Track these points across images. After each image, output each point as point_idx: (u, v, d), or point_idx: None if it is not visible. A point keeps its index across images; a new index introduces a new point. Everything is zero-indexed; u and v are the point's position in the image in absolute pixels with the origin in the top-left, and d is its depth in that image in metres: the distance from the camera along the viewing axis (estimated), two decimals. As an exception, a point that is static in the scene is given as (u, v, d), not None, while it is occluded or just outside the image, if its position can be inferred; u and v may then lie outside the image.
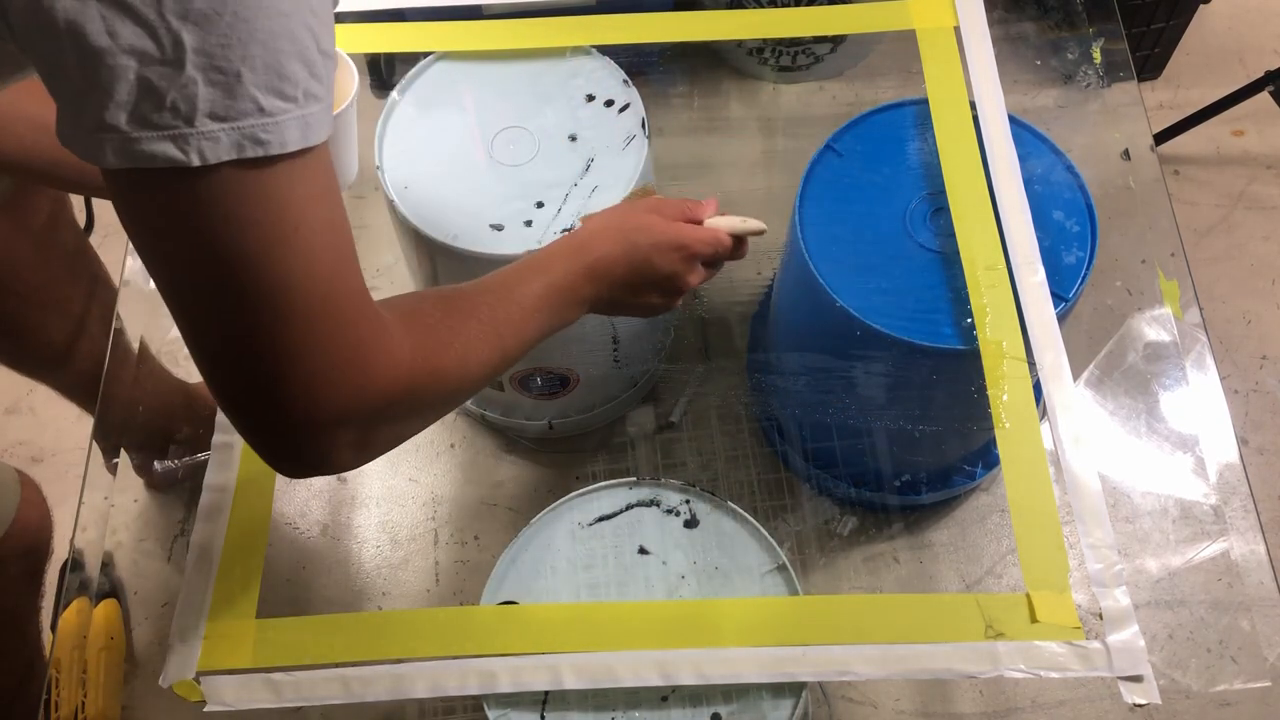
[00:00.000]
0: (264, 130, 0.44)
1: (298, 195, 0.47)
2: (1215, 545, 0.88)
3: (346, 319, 0.50)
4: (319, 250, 0.48)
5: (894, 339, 0.88)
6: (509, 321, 0.65)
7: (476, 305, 0.64)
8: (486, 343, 0.62)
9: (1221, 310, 1.59)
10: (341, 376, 0.50)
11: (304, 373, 0.49)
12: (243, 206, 0.45)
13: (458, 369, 0.59)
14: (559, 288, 0.70)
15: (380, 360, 0.52)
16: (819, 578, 1.09)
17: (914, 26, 1.06)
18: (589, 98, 0.99)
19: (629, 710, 0.79)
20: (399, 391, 0.54)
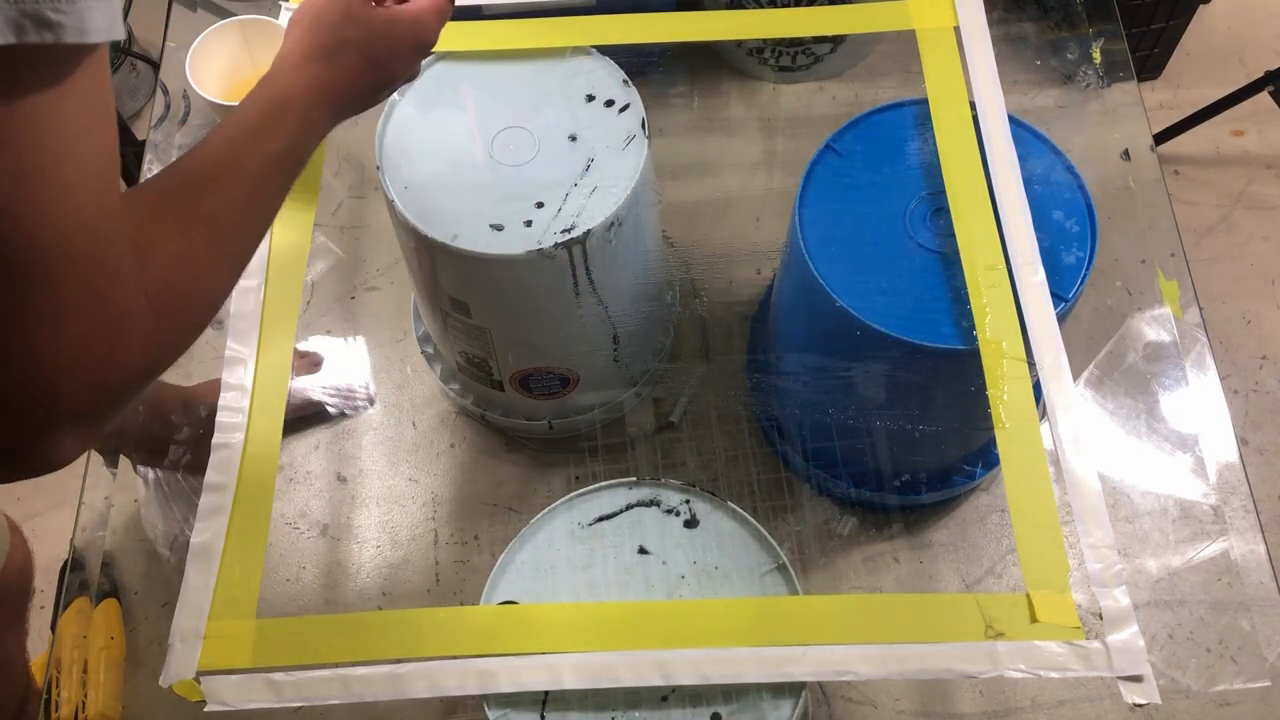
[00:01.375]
0: (55, 9, 0.33)
1: (78, 109, 0.36)
2: (1215, 545, 0.88)
3: (103, 283, 0.40)
4: (86, 191, 0.38)
5: (894, 339, 0.88)
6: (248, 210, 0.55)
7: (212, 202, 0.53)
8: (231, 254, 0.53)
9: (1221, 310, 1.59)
10: (92, 364, 0.40)
11: (48, 354, 0.39)
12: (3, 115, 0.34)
13: (204, 306, 0.51)
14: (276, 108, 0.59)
15: (131, 335, 0.42)
16: (819, 578, 1.09)
17: (914, 26, 1.06)
18: (589, 98, 0.99)
19: (629, 710, 0.79)
20: (147, 366, 0.45)
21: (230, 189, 0.54)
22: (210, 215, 0.51)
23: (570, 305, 0.98)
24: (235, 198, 0.54)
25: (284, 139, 0.58)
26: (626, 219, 0.94)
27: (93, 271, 0.39)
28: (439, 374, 1.19)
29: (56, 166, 0.36)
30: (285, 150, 0.58)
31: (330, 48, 0.63)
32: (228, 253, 0.52)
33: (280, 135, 0.58)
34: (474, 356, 1.07)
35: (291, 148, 0.59)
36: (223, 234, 0.52)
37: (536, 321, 1.02)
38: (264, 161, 0.56)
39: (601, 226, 0.91)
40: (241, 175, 0.55)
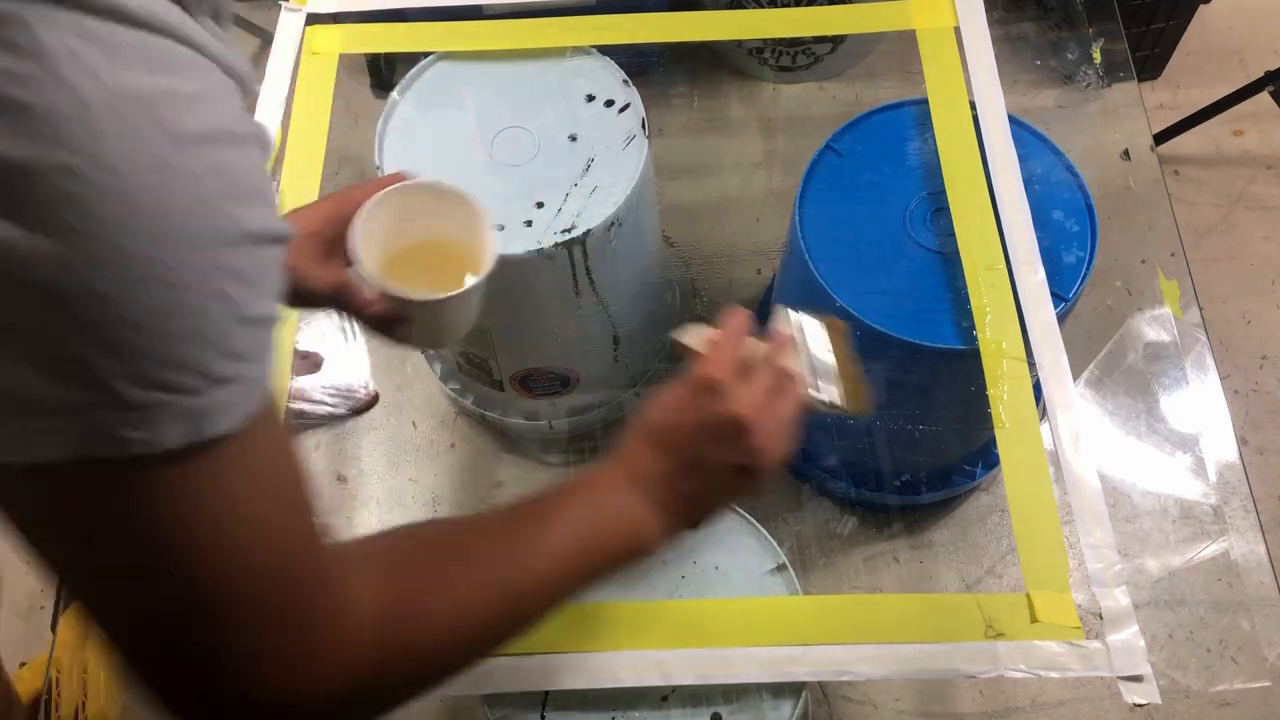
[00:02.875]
0: (125, 426, 0.33)
1: (211, 490, 0.36)
2: (1215, 545, 0.88)
3: (291, 609, 0.41)
4: (253, 549, 0.38)
5: (894, 339, 0.88)
6: (532, 550, 0.52)
7: (481, 530, 0.53)
8: (491, 587, 0.50)
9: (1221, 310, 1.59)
10: (291, 669, 0.41)
11: (247, 670, 0.40)
12: (122, 509, 0.35)
13: (445, 632, 0.48)
14: (591, 489, 0.58)
15: (334, 649, 0.42)
16: (819, 578, 1.09)
17: (914, 26, 1.06)
18: (589, 98, 0.99)
19: (629, 710, 0.78)
20: (356, 679, 0.43)
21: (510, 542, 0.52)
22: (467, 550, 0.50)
23: (570, 305, 0.98)
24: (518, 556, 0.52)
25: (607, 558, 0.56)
26: (626, 219, 0.94)
27: (274, 594, 0.40)
28: (439, 374, 1.19)
29: (216, 531, 0.37)
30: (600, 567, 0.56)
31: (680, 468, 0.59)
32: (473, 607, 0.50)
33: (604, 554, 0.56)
34: (474, 356, 1.07)
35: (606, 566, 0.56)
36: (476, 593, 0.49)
37: (536, 321, 1.02)
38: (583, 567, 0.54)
39: (601, 226, 0.91)
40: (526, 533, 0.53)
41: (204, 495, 0.36)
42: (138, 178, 0.31)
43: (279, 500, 0.40)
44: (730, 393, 0.58)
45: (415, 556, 0.49)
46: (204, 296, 0.33)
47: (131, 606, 0.39)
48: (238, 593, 0.39)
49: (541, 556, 0.52)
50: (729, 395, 0.58)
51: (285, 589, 0.40)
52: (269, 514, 0.39)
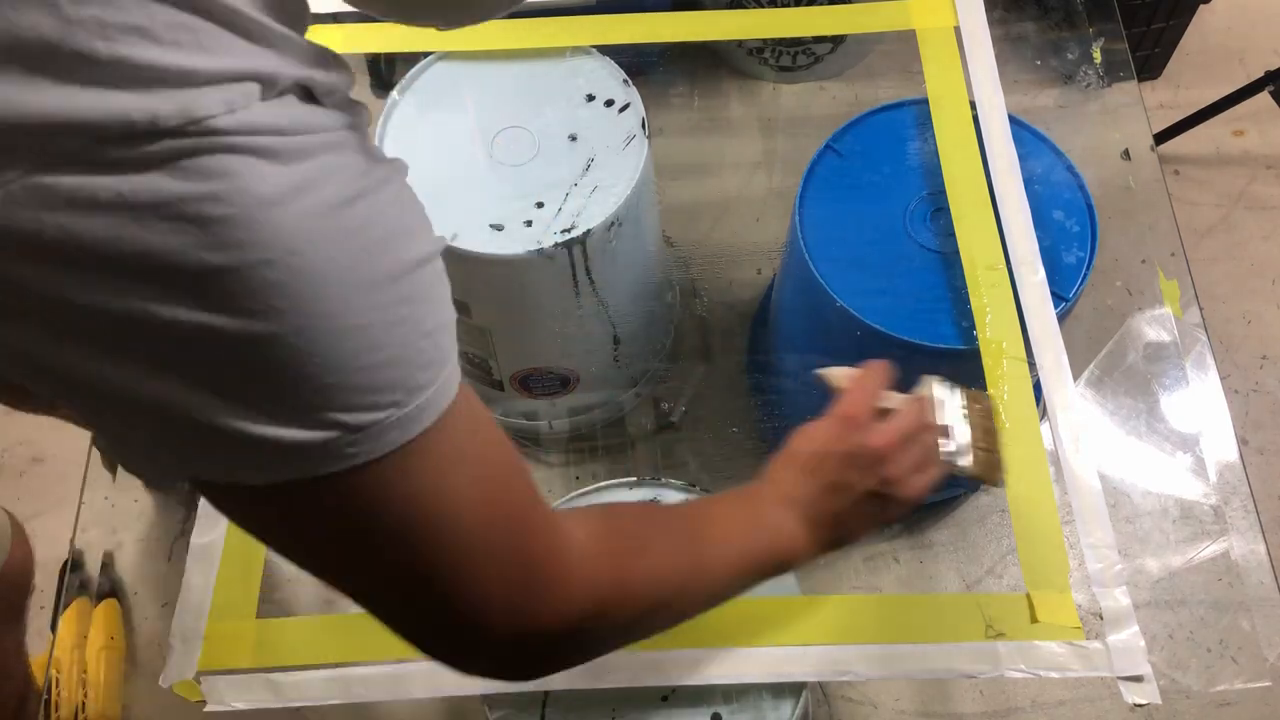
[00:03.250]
0: (353, 445, 0.39)
1: (426, 473, 0.42)
2: (1215, 545, 0.88)
3: (510, 555, 0.47)
4: (463, 511, 0.44)
5: (894, 339, 0.88)
6: (704, 537, 0.60)
7: (668, 519, 0.60)
8: (682, 556, 0.57)
9: (1221, 310, 1.59)
10: (512, 609, 0.47)
11: (471, 614, 0.46)
12: (358, 508, 0.41)
13: (651, 586, 0.55)
14: (749, 503, 0.65)
15: (556, 589, 0.49)
16: (819, 578, 1.09)
17: (914, 26, 1.06)
18: (589, 98, 0.99)
19: (629, 710, 0.78)
20: (582, 612, 0.50)
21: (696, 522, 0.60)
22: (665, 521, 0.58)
23: (570, 305, 0.98)
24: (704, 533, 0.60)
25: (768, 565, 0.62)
26: (626, 219, 0.94)
27: (498, 548, 0.46)
28: (439, 374, 1.19)
29: (437, 505, 0.43)
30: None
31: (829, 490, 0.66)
32: (660, 591, 0.56)
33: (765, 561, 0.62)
34: (474, 356, 1.07)
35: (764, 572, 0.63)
36: (664, 581, 0.56)
37: (536, 321, 1.02)
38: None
39: (601, 226, 0.91)
40: (707, 517, 0.61)
41: (423, 477, 0.42)
42: (317, 250, 0.36)
43: (488, 463, 0.46)
44: (870, 427, 0.66)
45: (622, 524, 0.57)
46: (389, 328, 0.39)
47: (385, 583, 0.45)
48: (471, 548, 0.45)
49: (715, 549, 0.59)
50: (869, 429, 0.66)
51: (511, 537, 0.47)
52: (483, 476, 0.45)
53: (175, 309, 0.35)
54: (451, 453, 0.44)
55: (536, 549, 0.48)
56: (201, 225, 0.34)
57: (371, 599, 0.47)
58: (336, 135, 0.39)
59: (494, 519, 0.46)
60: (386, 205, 0.40)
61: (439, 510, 0.43)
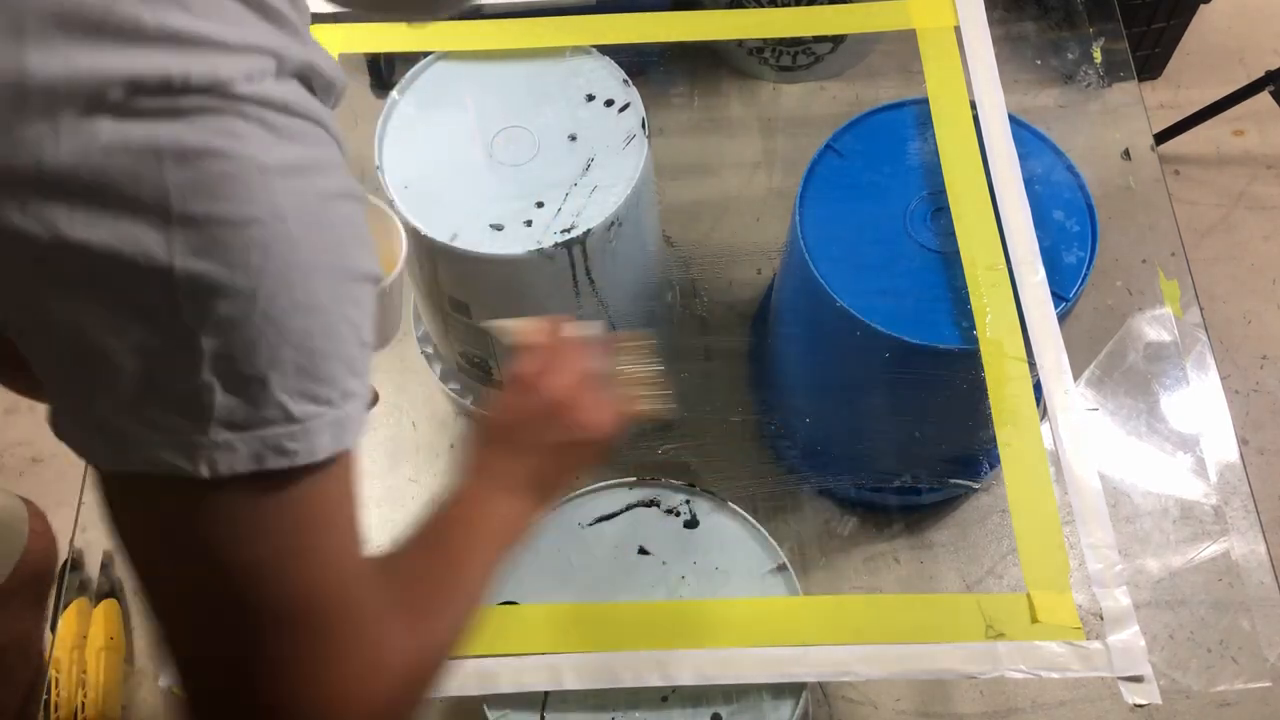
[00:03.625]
0: (290, 439, 0.40)
1: (321, 503, 0.42)
2: (1215, 545, 0.88)
3: (361, 632, 0.45)
4: (336, 559, 0.44)
5: (894, 339, 0.88)
6: (461, 559, 0.61)
7: (430, 558, 0.60)
8: (454, 586, 0.58)
9: (1221, 310, 1.59)
10: (354, 696, 0.45)
11: (315, 696, 0.44)
12: (256, 520, 0.41)
13: (445, 635, 0.55)
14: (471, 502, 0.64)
15: (389, 668, 0.47)
16: (819, 578, 1.09)
17: (914, 26, 1.06)
18: (589, 98, 0.99)
19: (629, 710, 0.78)
20: (405, 695, 0.49)
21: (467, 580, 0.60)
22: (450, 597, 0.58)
23: (570, 305, 0.98)
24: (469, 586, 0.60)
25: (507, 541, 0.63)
26: (626, 219, 0.94)
27: (351, 619, 0.44)
28: (439, 374, 1.19)
29: (315, 544, 0.43)
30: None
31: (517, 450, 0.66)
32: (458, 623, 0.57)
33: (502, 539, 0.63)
34: (474, 356, 1.07)
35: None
36: (458, 610, 0.58)
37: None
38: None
39: (601, 226, 0.91)
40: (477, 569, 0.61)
41: (324, 505, 0.43)
42: (299, 224, 0.39)
43: (352, 528, 0.46)
44: (541, 384, 0.67)
45: (417, 590, 0.55)
46: (340, 321, 0.41)
47: (203, 637, 0.43)
48: (310, 624, 0.43)
49: (478, 567, 0.61)
50: (540, 386, 0.67)
51: (354, 624, 0.45)
52: (346, 540, 0.45)
53: (171, 249, 0.37)
54: (347, 491, 0.44)
55: (377, 636, 0.46)
56: (207, 176, 0.37)
57: (201, 668, 0.44)
58: (328, 135, 0.43)
59: (353, 593, 0.45)
60: (356, 216, 0.43)
61: (323, 551, 0.43)
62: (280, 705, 0.43)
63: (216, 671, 0.44)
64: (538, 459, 0.65)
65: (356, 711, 0.45)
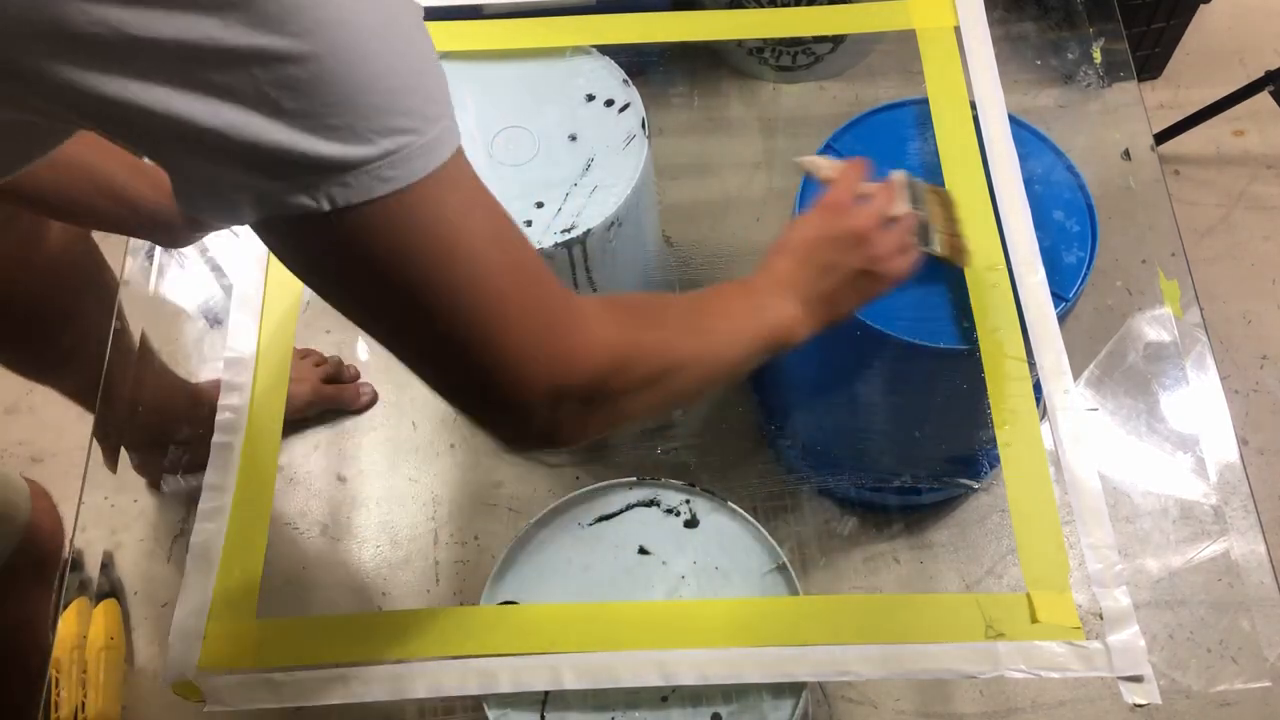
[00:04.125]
0: (390, 167, 0.44)
1: (447, 209, 0.47)
2: (1215, 545, 0.88)
3: (534, 303, 0.51)
4: (485, 251, 0.49)
5: (894, 339, 0.88)
6: (707, 313, 0.66)
7: (671, 301, 0.67)
8: (687, 329, 0.63)
9: (1221, 310, 1.59)
10: (544, 356, 0.51)
11: (508, 362, 0.50)
12: (394, 238, 0.46)
13: (662, 348, 0.60)
14: (746, 289, 0.71)
15: (579, 335, 0.53)
16: (819, 578, 1.09)
17: (914, 26, 1.06)
18: (589, 98, 0.99)
19: (629, 710, 0.78)
20: (605, 364, 0.55)
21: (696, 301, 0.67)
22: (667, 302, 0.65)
23: (570, 305, 0.98)
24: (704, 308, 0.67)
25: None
26: (626, 219, 0.94)
27: (519, 297, 0.50)
28: (439, 374, 1.19)
29: (457, 245, 0.48)
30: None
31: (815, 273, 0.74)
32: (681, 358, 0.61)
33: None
34: (474, 356, 1.07)
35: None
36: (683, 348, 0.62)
37: (536, 321, 1.02)
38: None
39: (601, 226, 0.91)
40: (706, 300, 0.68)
41: (448, 210, 0.47)
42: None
43: (499, 215, 0.50)
44: (852, 212, 0.75)
45: (632, 299, 0.62)
46: (406, 54, 0.44)
47: (418, 325, 0.49)
48: (494, 287, 0.49)
49: (720, 323, 0.65)
50: (851, 214, 0.75)
51: (530, 283, 0.51)
52: (498, 225, 0.50)
53: (232, 32, 0.40)
54: (468, 195, 0.49)
55: (555, 298, 0.52)
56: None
57: (406, 344, 0.51)
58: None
59: (513, 264, 0.50)
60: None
61: (465, 246, 0.48)
62: (481, 377, 0.51)
63: (417, 360, 0.52)
64: (827, 279, 0.72)
65: (544, 375, 0.51)
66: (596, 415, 0.57)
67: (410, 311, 0.48)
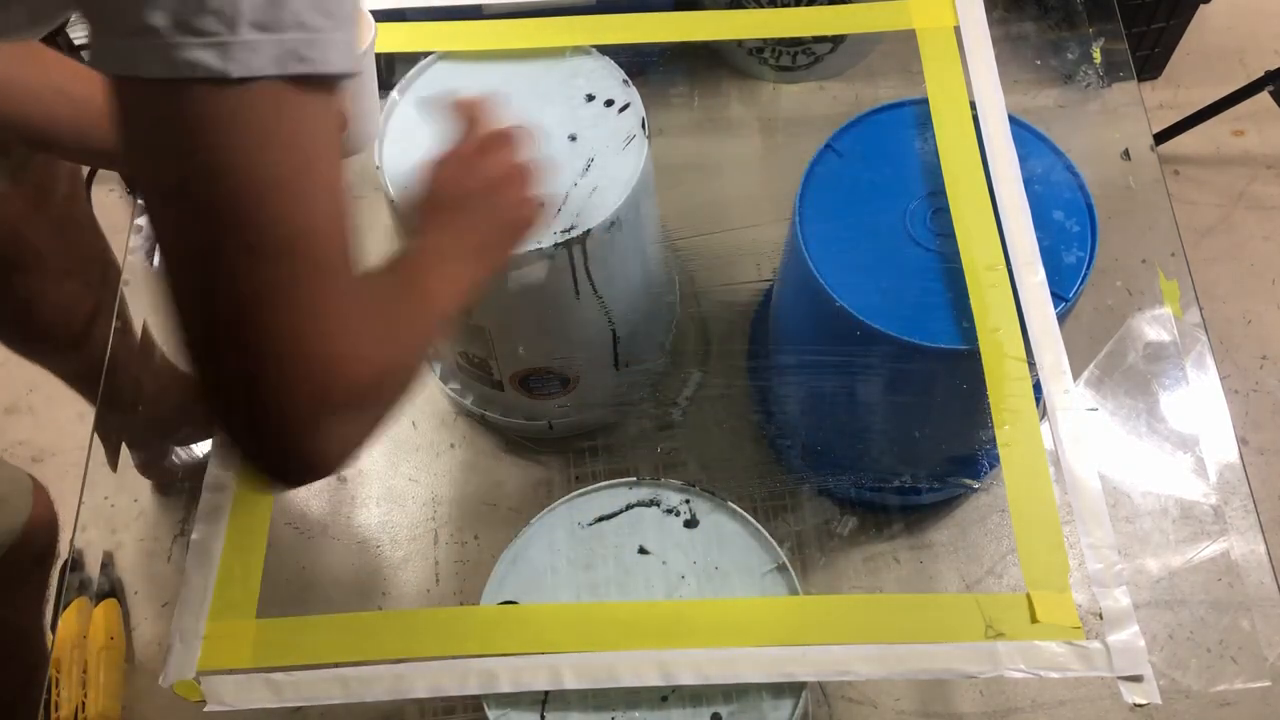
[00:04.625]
0: (307, 47, 0.43)
1: (322, 126, 0.46)
2: (1215, 545, 0.88)
3: (346, 273, 0.48)
4: (331, 190, 0.47)
5: (894, 339, 0.88)
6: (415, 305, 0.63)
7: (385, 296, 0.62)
8: (409, 328, 0.61)
9: (1221, 310, 1.59)
10: (345, 341, 0.48)
11: (315, 332, 0.47)
12: (271, 127, 0.44)
13: (400, 357, 0.58)
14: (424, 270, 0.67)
15: (368, 331, 0.50)
16: (819, 578, 1.09)
17: (914, 26, 1.06)
18: (589, 98, 0.99)
19: (629, 710, 0.79)
20: (365, 378, 0.51)
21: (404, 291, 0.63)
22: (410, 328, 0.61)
23: (570, 305, 0.98)
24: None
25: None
26: (626, 219, 0.94)
27: (339, 256, 0.47)
28: (439, 374, 1.19)
29: (315, 165, 0.45)
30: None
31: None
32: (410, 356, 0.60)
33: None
34: (474, 356, 1.07)
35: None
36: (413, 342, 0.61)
37: (536, 322, 1.02)
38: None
39: (601, 226, 0.91)
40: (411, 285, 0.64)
41: (312, 124, 0.45)
42: None
43: (339, 174, 0.47)
44: (486, 161, 0.73)
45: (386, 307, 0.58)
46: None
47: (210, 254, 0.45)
48: (311, 250, 0.46)
49: (428, 324, 0.63)
50: (486, 164, 0.73)
51: (341, 262, 0.48)
52: (336, 176, 0.47)
53: None
54: (334, 129, 0.47)
55: (358, 291, 0.49)
56: None
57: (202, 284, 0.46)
58: None
59: (343, 238, 0.47)
60: None
61: (316, 180, 0.45)
62: (279, 338, 0.46)
63: (222, 306, 0.46)
64: (474, 236, 0.70)
65: (341, 365, 0.48)
66: (354, 429, 0.53)
67: (238, 221, 0.44)
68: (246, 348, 0.46)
